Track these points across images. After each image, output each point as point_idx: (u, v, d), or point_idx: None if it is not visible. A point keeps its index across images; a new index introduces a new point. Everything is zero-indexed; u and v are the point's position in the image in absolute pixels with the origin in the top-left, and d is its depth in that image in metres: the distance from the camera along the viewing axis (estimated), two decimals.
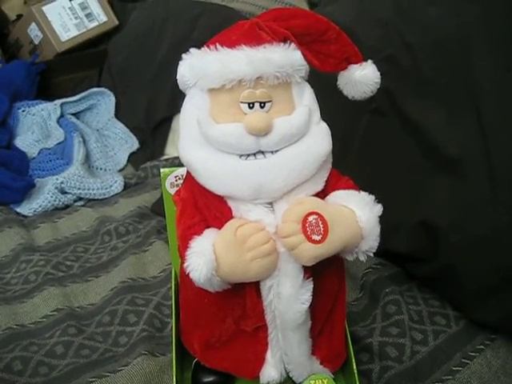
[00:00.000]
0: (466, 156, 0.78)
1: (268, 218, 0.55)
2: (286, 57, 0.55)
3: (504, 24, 0.80)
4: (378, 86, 0.62)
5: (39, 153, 1.41)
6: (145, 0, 1.87)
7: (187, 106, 0.58)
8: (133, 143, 1.52)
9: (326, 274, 0.61)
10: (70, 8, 1.75)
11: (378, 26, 0.95)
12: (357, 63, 0.61)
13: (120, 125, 1.57)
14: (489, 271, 0.74)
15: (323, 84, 0.61)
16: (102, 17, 1.82)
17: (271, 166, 0.54)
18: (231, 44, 0.54)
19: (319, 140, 0.56)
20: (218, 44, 0.55)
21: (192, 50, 0.57)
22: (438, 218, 0.79)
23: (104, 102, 1.63)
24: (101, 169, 1.42)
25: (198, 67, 0.56)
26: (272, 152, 0.54)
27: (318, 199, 0.56)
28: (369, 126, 0.69)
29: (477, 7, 0.84)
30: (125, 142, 1.52)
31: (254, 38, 0.55)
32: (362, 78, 0.60)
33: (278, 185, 0.54)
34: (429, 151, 0.82)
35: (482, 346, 0.75)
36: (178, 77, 0.59)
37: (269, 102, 0.54)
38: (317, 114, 0.58)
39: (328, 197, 0.58)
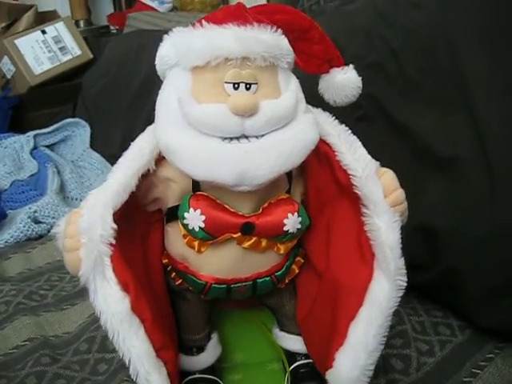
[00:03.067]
0: (460, 155, 0.74)
1: None
2: (274, 39, 0.52)
3: (490, 20, 0.78)
4: (360, 92, 0.61)
5: (11, 184, 1.35)
6: (119, 33, 1.87)
7: (166, 88, 0.54)
8: (109, 173, 1.46)
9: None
10: (43, 41, 1.73)
11: (361, 34, 0.94)
12: (339, 67, 0.60)
13: (96, 155, 1.52)
14: (492, 273, 0.70)
15: (306, 93, 0.58)
16: (75, 50, 1.80)
17: (257, 150, 0.50)
18: (218, 22, 0.51)
19: (307, 128, 0.53)
20: (204, 21, 0.52)
21: (175, 28, 0.54)
22: (435, 220, 0.75)
23: (79, 133, 1.59)
24: (76, 199, 1.35)
25: (182, 44, 0.52)
26: (257, 137, 0.50)
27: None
28: (356, 133, 0.66)
29: (461, 8, 0.82)
30: (101, 172, 1.47)
31: (241, 18, 0.52)
32: (344, 81, 0.59)
33: (264, 171, 0.49)
34: (421, 153, 0.79)
35: (491, 355, 0.70)
36: (156, 60, 0.56)
37: (255, 84, 0.51)
38: (303, 103, 0.55)
39: None
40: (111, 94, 1.60)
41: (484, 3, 0.79)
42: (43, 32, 1.74)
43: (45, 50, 1.72)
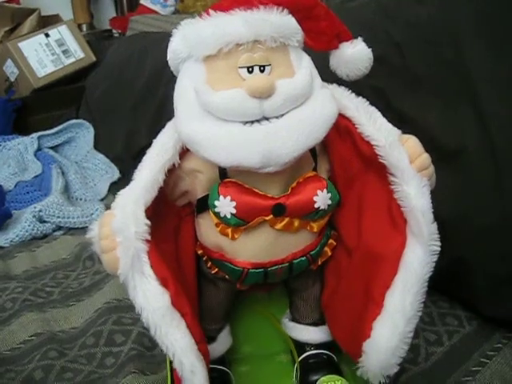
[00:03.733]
0: (466, 146, 0.75)
1: None
2: (281, 19, 0.52)
3: (494, 13, 0.78)
4: (372, 63, 0.60)
5: (16, 185, 1.36)
6: (122, 36, 1.87)
7: (182, 80, 0.54)
8: (113, 173, 1.46)
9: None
10: (46, 44, 1.73)
11: (365, 28, 0.93)
12: (347, 41, 0.60)
13: (100, 155, 1.52)
14: (499, 261, 0.70)
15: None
16: (79, 53, 1.80)
17: (278, 130, 0.49)
18: (225, 9, 0.52)
19: (325, 103, 0.53)
20: (211, 10, 0.52)
21: (183, 21, 0.54)
22: (442, 211, 0.74)
23: (82, 134, 1.59)
24: (80, 199, 1.35)
25: (192, 35, 0.52)
26: (277, 117, 0.50)
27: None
28: None
29: (464, 2, 0.83)
30: (105, 173, 1.47)
31: (246, 3, 0.52)
32: (354, 55, 0.59)
33: (288, 149, 0.49)
34: (427, 145, 0.79)
35: (499, 345, 0.70)
36: (168, 55, 0.56)
37: (268, 65, 0.51)
38: (318, 79, 0.55)
39: None
40: (114, 96, 1.60)
41: None
42: (46, 35, 1.74)
43: (48, 53, 1.73)
